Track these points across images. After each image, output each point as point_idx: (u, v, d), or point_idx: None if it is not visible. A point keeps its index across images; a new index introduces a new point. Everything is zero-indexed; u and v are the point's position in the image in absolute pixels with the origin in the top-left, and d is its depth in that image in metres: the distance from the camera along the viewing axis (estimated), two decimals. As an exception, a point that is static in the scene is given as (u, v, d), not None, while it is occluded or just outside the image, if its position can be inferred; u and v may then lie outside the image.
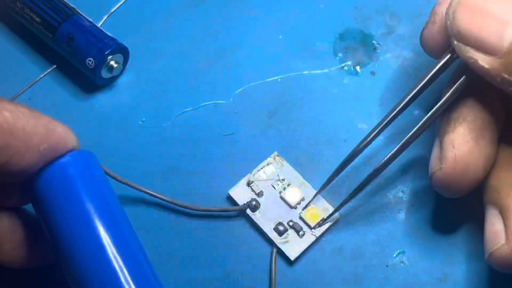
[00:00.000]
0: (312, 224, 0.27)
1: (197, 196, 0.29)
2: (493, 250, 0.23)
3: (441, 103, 0.25)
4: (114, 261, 0.20)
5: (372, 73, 0.33)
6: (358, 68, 0.33)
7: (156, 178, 0.30)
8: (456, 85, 0.25)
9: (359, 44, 0.34)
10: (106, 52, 0.31)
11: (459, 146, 0.24)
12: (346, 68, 0.34)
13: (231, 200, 0.29)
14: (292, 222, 0.28)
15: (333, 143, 0.31)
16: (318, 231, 0.27)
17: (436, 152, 0.26)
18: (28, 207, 0.24)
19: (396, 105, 0.26)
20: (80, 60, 0.31)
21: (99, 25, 0.33)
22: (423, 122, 0.25)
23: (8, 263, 0.23)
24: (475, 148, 0.24)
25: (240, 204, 0.28)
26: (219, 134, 0.31)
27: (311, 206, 0.28)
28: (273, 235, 0.27)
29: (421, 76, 0.25)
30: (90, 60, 0.31)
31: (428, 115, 0.25)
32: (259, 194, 0.28)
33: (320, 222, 0.27)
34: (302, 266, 0.27)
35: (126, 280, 0.20)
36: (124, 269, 0.20)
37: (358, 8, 0.36)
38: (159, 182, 0.29)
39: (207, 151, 0.30)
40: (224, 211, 0.28)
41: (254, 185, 0.29)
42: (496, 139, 0.25)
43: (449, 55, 0.25)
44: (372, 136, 0.26)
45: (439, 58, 0.25)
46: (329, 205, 0.28)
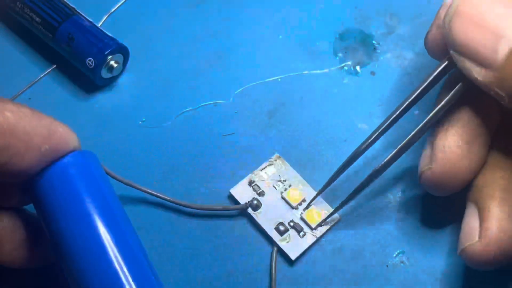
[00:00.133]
0: (313, 225, 0.27)
1: (197, 196, 0.29)
2: (466, 246, 0.24)
3: (439, 107, 0.25)
4: (114, 261, 0.20)
5: (372, 73, 0.33)
6: (358, 68, 0.33)
7: (156, 177, 0.30)
8: (453, 91, 0.24)
9: (359, 44, 0.34)
10: (106, 52, 0.31)
11: (451, 149, 0.24)
12: (346, 68, 0.34)
13: (232, 199, 0.29)
14: (293, 222, 0.28)
15: (333, 143, 0.31)
16: (318, 232, 0.27)
17: (427, 151, 0.26)
18: (29, 207, 0.24)
19: (396, 108, 0.26)
20: (80, 60, 0.31)
21: (99, 25, 0.33)
22: (422, 125, 0.25)
23: (9, 263, 0.23)
24: (467, 152, 0.24)
25: (242, 203, 0.28)
26: (219, 134, 0.31)
27: (312, 207, 0.28)
28: (274, 235, 0.27)
29: (421, 76, 0.26)
30: (90, 60, 0.31)
31: (427, 119, 0.25)
32: (261, 194, 0.28)
33: (321, 222, 0.27)
34: (303, 265, 0.27)
35: (127, 280, 0.20)
36: (124, 269, 0.20)
37: (358, 8, 0.36)
38: (159, 181, 0.29)
39: (207, 151, 0.30)
40: (226, 209, 0.28)
41: (256, 185, 0.29)
42: (488, 143, 0.25)
43: (446, 62, 0.25)
44: (372, 138, 0.26)
45: (443, 59, 0.25)
46: (329, 206, 0.28)
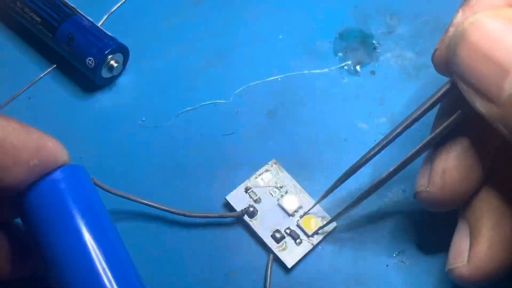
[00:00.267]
0: (309, 232, 0.27)
1: (195, 198, 0.29)
2: (453, 267, 0.24)
3: (443, 127, 0.24)
4: (103, 276, 0.20)
5: (372, 72, 0.33)
6: (358, 68, 0.33)
7: (155, 178, 0.30)
8: (457, 113, 0.24)
9: (359, 43, 0.34)
10: (106, 52, 0.31)
11: (451, 172, 0.24)
12: (346, 67, 0.34)
13: (228, 206, 0.28)
14: (289, 229, 0.27)
15: (333, 143, 0.31)
16: (315, 239, 0.27)
17: (425, 170, 0.25)
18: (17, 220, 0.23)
19: (397, 126, 0.25)
20: (80, 60, 0.31)
21: (99, 25, 0.33)
22: (422, 145, 0.24)
23: None
24: (465, 176, 0.24)
25: (238, 210, 0.28)
26: (219, 134, 0.31)
27: (308, 214, 0.28)
28: (270, 242, 0.27)
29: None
30: (90, 59, 0.31)
31: (427, 140, 0.24)
32: (257, 201, 0.28)
33: (317, 230, 0.27)
34: (300, 269, 0.27)
35: None
36: (114, 284, 0.20)
37: (358, 7, 0.36)
38: (157, 183, 0.29)
39: (207, 151, 0.30)
40: (222, 217, 0.28)
41: (252, 191, 0.28)
42: (487, 166, 0.24)
43: (449, 85, 0.24)
44: (372, 153, 0.25)
45: (449, 77, 0.24)
46: (326, 214, 0.28)
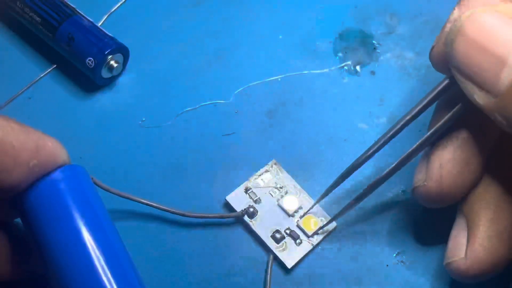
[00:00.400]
0: (309, 233, 0.27)
1: (195, 198, 0.29)
2: (451, 261, 0.24)
3: (441, 123, 0.24)
4: (103, 276, 0.20)
5: (372, 72, 0.33)
6: (358, 68, 0.33)
7: (155, 178, 0.30)
8: (455, 109, 0.24)
9: (359, 44, 0.34)
10: (106, 52, 0.31)
11: (447, 167, 0.24)
12: (346, 68, 0.34)
13: (228, 206, 0.28)
14: (289, 230, 0.27)
15: (333, 143, 0.31)
16: (315, 240, 0.27)
17: (423, 165, 0.25)
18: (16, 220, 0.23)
19: (396, 124, 0.25)
20: (80, 60, 0.31)
21: (99, 25, 0.33)
22: (421, 141, 0.24)
23: None
24: (462, 171, 0.24)
25: (238, 210, 0.28)
26: (219, 134, 0.31)
27: (308, 214, 0.28)
28: (270, 243, 0.27)
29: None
30: (90, 59, 0.31)
31: (425, 137, 0.24)
32: (257, 201, 0.28)
33: (317, 230, 0.27)
34: (300, 269, 0.27)
35: None
36: (113, 284, 0.20)
37: (358, 7, 0.36)
38: (157, 183, 0.29)
39: (207, 151, 0.30)
40: (222, 217, 0.28)
41: (252, 192, 0.28)
42: (484, 161, 0.24)
43: (448, 80, 0.24)
44: (371, 152, 0.25)
45: (448, 74, 0.24)
46: (326, 214, 0.28)
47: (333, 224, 0.28)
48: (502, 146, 0.25)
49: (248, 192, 0.28)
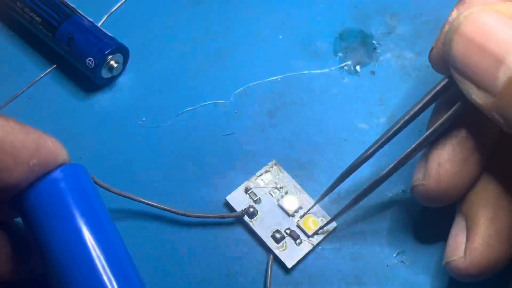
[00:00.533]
0: (309, 233, 0.27)
1: (195, 198, 0.29)
2: (450, 260, 0.24)
3: (439, 123, 0.24)
4: (104, 276, 0.20)
5: (372, 72, 0.33)
6: (358, 68, 0.33)
7: (155, 179, 0.30)
8: (454, 108, 0.24)
9: (359, 44, 0.34)
10: (106, 52, 0.31)
11: (446, 166, 0.24)
12: (346, 68, 0.34)
13: (228, 206, 0.28)
14: (289, 230, 0.27)
15: (333, 143, 0.31)
16: (315, 240, 0.27)
17: (421, 164, 0.25)
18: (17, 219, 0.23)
19: (395, 123, 0.25)
20: (80, 60, 0.31)
21: (99, 25, 0.33)
22: (420, 141, 0.24)
23: None
24: (461, 169, 0.24)
25: (238, 210, 0.28)
26: (219, 134, 0.31)
27: (308, 214, 0.28)
28: (270, 243, 0.27)
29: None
30: (90, 59, 0.31)
31: (425, 136, 0.24)
32: (257, 201, 0.28)
33: (318, 230, 0.27)
34: (300, 269, 0.27)
35: None
36: (114, 283, 0.20)
37: (358, 7, 0.36)
38: (158, 183, 0.29)
39: (207, 151, 0.30)
40: (222, 217, 0.28)
41: (252, 192, 0.28)
42: (483, 159, 0.24)
43: (447, 80, 0.24)
44: (371, 151, 0.25)
45: (447, 75, 0.24)
46: (326, 214, 0.28)
47: (333, 224, 0.28)
48: (501, 145, 0.25)
49: (248, 192, 0.28)
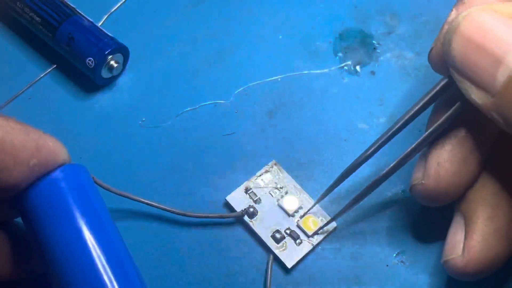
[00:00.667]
0: (309, 233, 0.27)
1: (195, 198, 0.29)
2: (448, 259, 0.24)
3: (439, 123, 0.24)
4: (104, 275, 0.20)
5: (372, 73, 0.33)
6: (358, 68, 0.33)
7: (155, 179, 0.30)
8: (453, 108, 0.24)
9: (359, 44, 0.34)
10: (106, 52, 0.31)
11: (445, 165, 0.24)
12: (346, 68, 0.34)
13: (228, 206, 0.28)
14: (289, 230, 0.27)
15: (333, 143, 0.31)
16: (315, 240, 0.27)
17: (421, 164, 0.25)
18: (17, 219, 0.23)
19: (395, 123, 0.25)
20: (80, 60, 0.31)
21: (99, 25, 0.33)
22: (420, 140, 0.24)
23: None
24: (460, 168, 0.24)
25: (238, 210, 0.28)
26: (219, 134, 0.31)
27: (308, 214, 0.28)
28: (270, 243, 0.27)
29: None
30: (90, 59, 0.31)
31: (425, 135, 0.24)
32: (257, 201, 0.28)
33: (317, 230, 0.27)
34: (300, 269, 0.27)
35: None
36: (114, 283, 0.20)
37: (358, 7, 0.36)
38: (158, 183, 0.29)
39: (207, 151, 0.30)
40: (222, 217, 0.28)
41: (252, 192, 0.28)
42: (482, 159, 0.25)
43: (446, 80, 0.24)
44: (371, 151, 0.26)
45: (446, 75, 0.24)
46: (326, 214, 0.28)
47: (333, 224, 0.28)
48: (500, 145, 0.25)
49: (248, 192, 0.28)
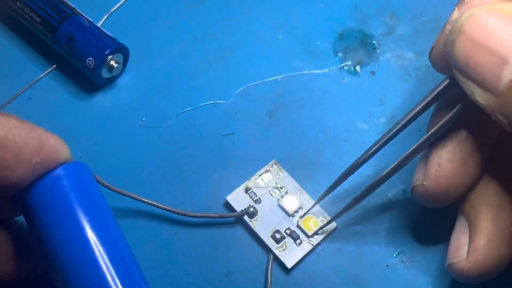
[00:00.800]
0: (309, 233, 0.27)
1: (195, 198, 0.29)
2: (453, 262, 0.24)
3: (440, 124, 0.24)
4: (107, 273, 0.20)
5: (372, 73, 0.33)
6: (358, 68, 0.33)
7: (155, 179, 0.30)
8: (455, 109, 0.24)
9: (359, 44, 0.34)
10: (106, 52, 0.31)
11: (446, 166, 0.24)
12: (346, 68, 0.34)
13: (228, 206, 0.28)
14: (289, 230, 0.27)
15: (333, 143, 0.31)
16: (315, 240, 0.27)
17: (421, 165, 0.25)
18: (19, 217, 0.23)
19: (396, 124, 0.25)
20: (80, 60, 0.31)
21: (99, 25, 0.33)
22: (421, 141, 0.24)
23: None
24: (461, 169, 0.24)
25: (238, 210, 0.28)
26: (219, 134, 0.31)
27: (308, 214, 0.28)
28: (270, 243, 0.27)
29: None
30: (90, 60, 0.31)
31: (425, 137, 0.24)
32: (257, 201, 0.28)
33: (317, 230, 0.27)
34: (300, 269, 0.27)
35: None
36: (117, 282, 0.20)
37: (358, 8, 0.36)
38: (158, 183, 0.29)
39: (207, 151, 0.30)
40: (222, 217, 0.28)
41: (252, 192, 0.28)
42: (484, 159, 0.24)
43: (448, 80, 0.24)
44: (372, 151, 0.25)
45: (448, 74, 0.24)
46: (326, 214, 0.28)
47: (333, 224, 0.28)
48: (502, 146, 0.25)
49: (248, 192, 0.28)
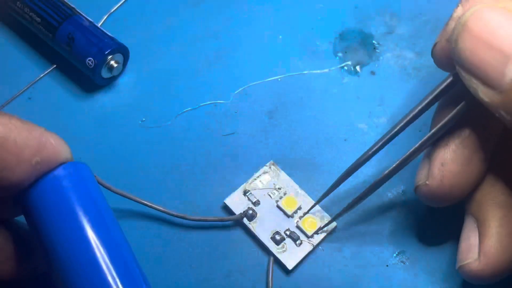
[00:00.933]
0: (309, 233, 0.27)
1: (194, 198, 0.29)
2: (464, 263, 0.24)
3: (443, 123, 0.24)
4: (107, 273, 0.20)
5: (372, 72, 0.33)
6: (358, 68, 0.33)
7: (155, 178, 0.30)
8: (458, 107, 0.24)
9: (359, 44, 0.34)
10: (106, 52, 0.31)
11: (449, 165, 0.24)
12: (346, 68, 0.34)
13: (227, 209, 0.28)
14: (289, 231, 0.27)
15: (333, 143, 0.31)
16: (315, 240, 0.27)
17: (424, 164, 0.25)
18: (19, 217, 0.23)
19: (398, 122, 0.25)
20: (80, 60, 0.31)
21: (99, 25, 0.33)
22: (423, 140, 0.24)
23: None
24: (464, 168, 0.24)
25: (236, 213, 0.28)
26: (219, 134, 0.31)
27: (308, 214, 0.28)
28: (270, 245, 0.27)
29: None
30: (90, 59, 0.31)
31: (428, 136, 0.24)
32: (256, 203, 0.28)
33: (317, 230, 0.27)
34: (301, 270, 0.27)
35: None
36: (118, 282, 0.20)
37: (358, 7, 0.36)
38: (158, 183, 0.29)
39: (207, 151, 0.30)
40: (221, 221, 0.28)
41: (251, 194, 0.28)
42: (487, 157, 0.24)
43: (452, 78, 0.24)
44: (372, 151, 0.25)
45: (451, 72, 0.24)
46: (326, 214, 0.28)
47: (333, 224, 0.28)
48: (505, 143, 0.25)
49: (247, 194, 0.28)
